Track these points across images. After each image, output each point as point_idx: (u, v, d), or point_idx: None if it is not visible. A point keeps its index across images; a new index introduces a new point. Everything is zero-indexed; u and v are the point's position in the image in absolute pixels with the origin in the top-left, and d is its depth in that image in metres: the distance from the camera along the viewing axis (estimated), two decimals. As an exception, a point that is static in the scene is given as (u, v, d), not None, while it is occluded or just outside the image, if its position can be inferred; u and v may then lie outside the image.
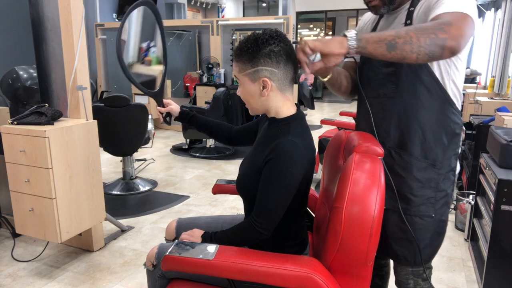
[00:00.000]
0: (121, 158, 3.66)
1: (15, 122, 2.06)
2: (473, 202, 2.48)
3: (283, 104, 1.19)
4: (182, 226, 1.48)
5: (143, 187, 3.61)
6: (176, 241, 1.13)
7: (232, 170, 4.27)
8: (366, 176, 1.03)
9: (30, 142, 1.99)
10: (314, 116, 7.87)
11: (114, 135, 3.32)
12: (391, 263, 1.50)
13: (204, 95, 5.63)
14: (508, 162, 1.95)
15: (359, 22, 1.47)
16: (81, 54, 2.18)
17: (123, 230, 2.73)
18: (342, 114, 3.90)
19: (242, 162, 1.32)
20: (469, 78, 5.02)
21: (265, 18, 6.08)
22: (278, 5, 10.47)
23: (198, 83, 5.84)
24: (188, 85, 6.22)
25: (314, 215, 1.54)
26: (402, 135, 1.24)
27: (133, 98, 5.96)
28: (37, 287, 2.07)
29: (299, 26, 11.52)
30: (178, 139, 5.58)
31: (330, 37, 1.07)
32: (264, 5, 12.46)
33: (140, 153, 4.59)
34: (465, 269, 2.28)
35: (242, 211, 1.55)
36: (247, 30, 5.71)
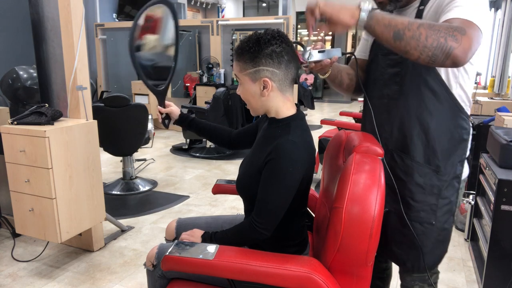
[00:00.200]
0: (121, 158, 3.66)
1: (15, 122, 2.06)
2: (473, 202, 2.48)
3: (283, 104, 1.19)
4: (182, 226, 1.48)
5: (143, 187, 3.61)
6: (176, 241, 1.13)
7: (232, 170, 4.26)
8: (366, 176, 1.03)
9: (30, 142, 1.99)
10: (314, 116, 7.87)
11: (114, 135, 3.32)
12: (393, 266, 1.49)
13: (204, 95, 5.63)
14: (508, 162, 1.95)
15: None
16: (81, 54, 2.18)
17: (123, 230, 2.73)
18: (342, 114, 3.90)
19: (242, 162, 1.32)
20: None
21: (265, 18, 6.08)
22: (278, 5, 10.46)
23: (198, 83, 5.84)
24: (188, 85, 6.21)
25: (314, 215, 1.54)
26: (405, 138, 1.20)
27: (133, 98, 5.96)
28: (37, 287, 2.07)
29: (299, 26, 11.52)
30: (178, 139, 5.58)
31: (341, 4, 1.02)
32: (264, 5, 12.46)
33: (140, 153, 4.59)
34: (465, 269, 2.28)
35: (242, 211, 1.55)
36: (247, 30, 5.71)
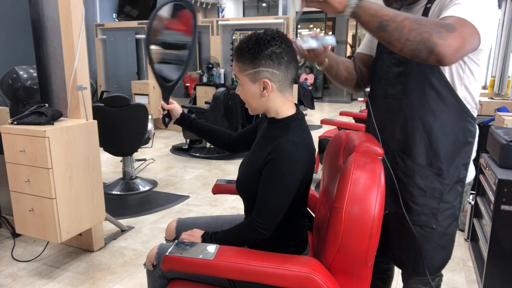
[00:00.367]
0: (121, 158, 3.66)
1: (15, 122, 2.06)
2: (473, 202, 2.48)
3: (283, 104, 1.19)
4: (182, 226, 1.48)
5: (143, 187, 3.61)
6: (176, 241, 1.13)
7: (232, 170, 4.26)
8: (366, 176, 1.03)
9: (30, 142, 1.99)
10: (314, 116, 7.87)
11: (114, 135, 3.32)
12: (395, 267, 1.49)
13: (204, 95, 5.63)
14: (508, 162, 1.95)
15: None
16: (81, 54, 2.18)
17: (123, 230, 2.73)
18: (342, 114, 3.90)
19: (241, 163, 1.32)
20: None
21: (265, 18, 6.08)
22: (278, 5, 10.46)
23: (198, 83, 5.84)
24: (188, 85, 6.21)
25: (314, 215, 1.54)
26: (407, 140, 1.18)
27: (133, 98, 5.96)
28: (37, 287, 2.07)
29: (299, 26, 11.52)
30: (178, 139, 5.58)
31: None
32: (264, 5, 12.45)
33: (140, 153, 4.59)
34: (465, 269, 2.28)
35: (242, 211, 1.55)
36: (247, 30, 5.71)
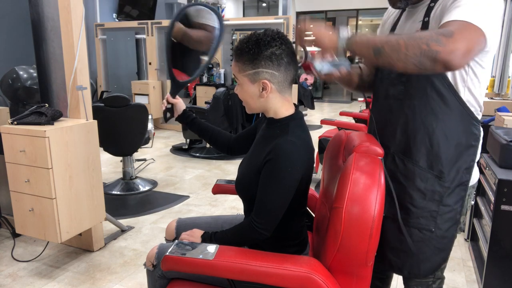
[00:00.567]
0: (121, 158, 3.66)
1: (15, 122, 2.06)
2: (473, 202, 2.48)
3: (282, 105, 1.19)
4: (182, 226, 1.48)
5: (143, 187, 3.61)
6: (176, 241, 1.13)
7: (232, 170, 4.26)
8: (366, 176, 1.03)
9: (30, 142, 1.99)
10: (314, 116, 7.87)
11: (114, 135, 3.32)
12: None
13: (204, 95, 5.63)
14: (508, 162, 1.95)
15: (384, 14, 1.38)
16: (81, 54, 2.18)
17: (123, 230, 2.73)
18: (342, 114, 3.90)
19: (241, 163, 1.32)
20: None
21: (265, 18, 6.07)
22: (278, 5, 10.47)
23: (198, 83, 5.84)
24: (188, 85, 6.21)
25: (314, 215, 1.54)
26: (408, 141, 1.16)
27: (133, 98, 5.96)
28: (37, 287, 2.07)
29: (299, 26, 11.52)
30: (178, 139, 5.58)
31: (327, 26, 1.05)
32: (264, 5, 12.47)
33: (140, 153, 4.59)
34: (465, 269, 2.28)
35: (242, 211, 1.55)
36: (247, 30, 5.71)
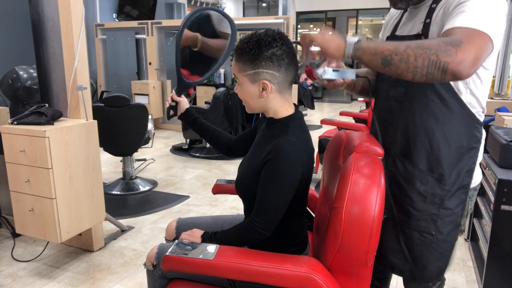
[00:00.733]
0: (121, 158, 3.66)
1: (15, 122, 2.06)
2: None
3: (282, 105, 1.19)
4: (182, 226, 1.48)
5: (143, 187, 3.61)
6: (176, 241, 1.13)
7: (232, 170, 4.26)
8: (366, 176, 1.03)
9: (30, 142, 1.99)
10: (314, 116, 7.87)
11: (114, 135, 3.32)
12: None
13: (204, 95, 5.63)
14: (508, 162, 1.95)
15: (386, 16, 1.37)
16: (81, 54, 2.18)
17: (123, 230, 2.73)
18: (342, 114, 3.90)
19: (241, 163, 1.32)
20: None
21: (265, 18, 6.08)
22: (278, 5, 10.48)
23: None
24: (190, 85, 6.20)
25: (314, 215, 1.54)
26: (408, 143, 1.16)
27: (133, 98, 5.96)
28: (37, 287, 2.07)
29: (299, 26, 11.52)
30: (178, 139, 5.58)
31: (333, 32, 1.02)
32: (264, 5, 12.47)
33: (140, 153, 4.59)
34: (465, 269, 2.28)
35: (242, 211, 1.55)
36: (247, 30, 5.66)
